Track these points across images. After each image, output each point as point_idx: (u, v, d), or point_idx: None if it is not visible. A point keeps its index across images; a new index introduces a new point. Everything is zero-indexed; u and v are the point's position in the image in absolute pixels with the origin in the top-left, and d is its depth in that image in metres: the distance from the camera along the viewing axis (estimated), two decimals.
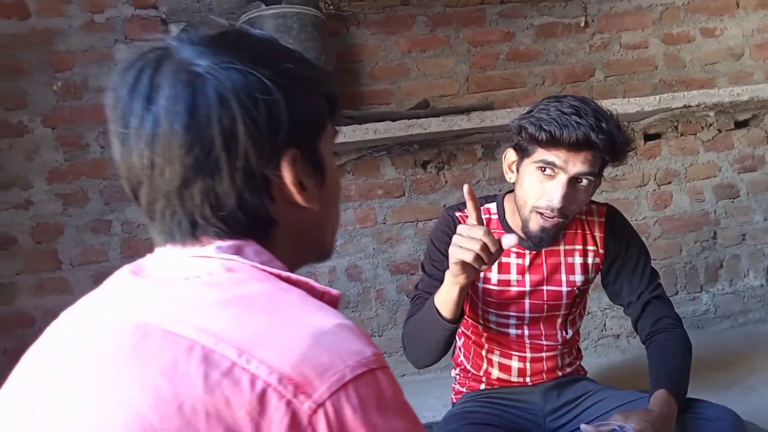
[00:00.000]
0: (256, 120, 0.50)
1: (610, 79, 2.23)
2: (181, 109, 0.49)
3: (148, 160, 0.51)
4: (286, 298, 0.48)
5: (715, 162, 2.24)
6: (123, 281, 0.53)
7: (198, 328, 0.44)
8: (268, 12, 1.81)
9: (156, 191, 0.52)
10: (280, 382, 0.41)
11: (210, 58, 0.51)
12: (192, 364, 0.42)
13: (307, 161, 0.56)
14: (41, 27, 1.91)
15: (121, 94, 0.52)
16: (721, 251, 2.24)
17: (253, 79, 0.51)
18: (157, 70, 0.51)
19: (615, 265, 1.26)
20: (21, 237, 1.90)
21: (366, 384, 0.43)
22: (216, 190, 0.51)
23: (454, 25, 2.14)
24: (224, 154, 0.50)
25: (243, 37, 0.56)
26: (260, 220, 0.54)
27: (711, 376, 1.73)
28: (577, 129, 1.04)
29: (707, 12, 2.26)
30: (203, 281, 0.49)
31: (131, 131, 0.51)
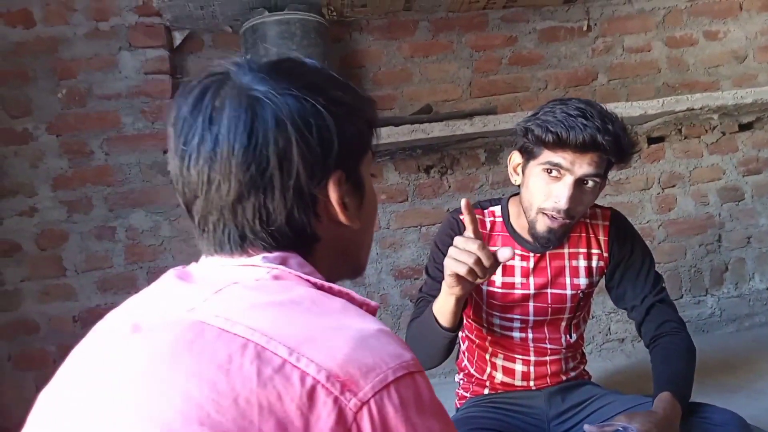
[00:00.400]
0: (309, 143, 0.55)
1: (614, 83, 2.22)
2: (241, 130, 0.53)
3: (206, 176, 0.55)
4: (331, 304, 0.51)
5: (720, 165, 2.23)
6: (171, 284, 0.56)
7: (250, 327, 0.47)
8: (271, 18, 1.82)
9: (211, 205, 0.56)
10: (328, 379, 0.44)
11: (268, 83, 0.56)
12: (246, 361, 0.45)
13: (350, 182, 0.60)
14: (46, 35, 1.92)
15: (183, 113, 0.56)
16: (726, 254, 2.23)
17: (308, 105, 0.55)
18: (218, 93, 0.56)
19: (619, 269, 1.26)
20: (26, 244, 1.91)
21: (406, 386, 0.46)
22: (267, 206, 0.55)
23: (457, 30, 2.15)
24: (278, 173, 0.54)
25: (297, 65, 0.61)
26: (305, 236, 0.58)
27: (717, 380, 1.72)
28: (584, 131, 1.05)
29: (710, 15, 2.26)
30: (251, 285, 0.52)
31: (191, 149, 0.55)
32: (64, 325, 1.90)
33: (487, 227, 1.25)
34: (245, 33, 1.87)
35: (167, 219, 1.96)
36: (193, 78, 0.59)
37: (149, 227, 1.96)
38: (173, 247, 1.96)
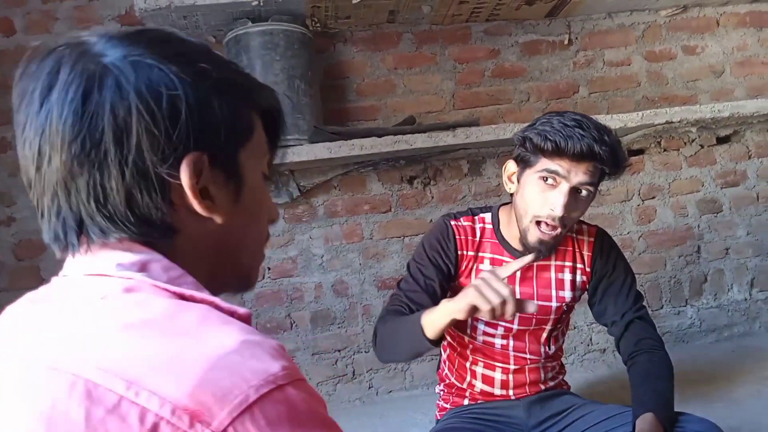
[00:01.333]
0: (154, 114, 0.47)
1: (594, 96, 2.26)
2: (74, 95, 0.47)
3: (37, 147, 0.48)
4: (188, 316, 0.44)
5: (698, 177, 2.26)
6: (20, 312, 0.50)
7: (84, 360, 0.41)
8: (254, 29, 1.82)
9: (44, 183, 0.49)
10: (174, 413, 0.38)
11: (120, 50, 0.49)
12: (73, 403, 0.39)
13: (220, 169, 0.52)
14: (28, 44, 1.90)
15: (26, 85, 0.49)
16: (705, 265, 2.26)
17: (159, 73, 0.48)
18: (62, 60, 0.48)
19: (601, 285, 1.28)
20: (3, 254, 1.88)
21: (274, 401, 0.41)
22: (103, 184, 0.47)
23: (440, 43, 2.16)
24: (114, 147, 0.47)
25: (164, 35, 0.52)
26: (155, 225, 0.49)
27: (696, 390, 1.74)
28: (581, 140, 1.08)
29: (689, 30, 2.31)
30: (98, 306, 0.45)
31: (28, 120, 0.48)
32: None
33: (477, 234, 1.27)
34: (228, 43, 1.87)
35: None
36: (44, 46, 0.51)
37: None
38: None
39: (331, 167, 2.03)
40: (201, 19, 1.85)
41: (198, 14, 1.82)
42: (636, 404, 1.13)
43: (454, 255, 1.25)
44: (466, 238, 1.26)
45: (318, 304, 2.06)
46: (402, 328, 1.13)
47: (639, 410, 1.10)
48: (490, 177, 2.14)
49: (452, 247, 1.25)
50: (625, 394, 1.33)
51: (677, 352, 2.11)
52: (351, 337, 2.06)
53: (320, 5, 1.88)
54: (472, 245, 1.26)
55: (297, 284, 2.05)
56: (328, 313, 2.06)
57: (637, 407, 1.12)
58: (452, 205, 2.12)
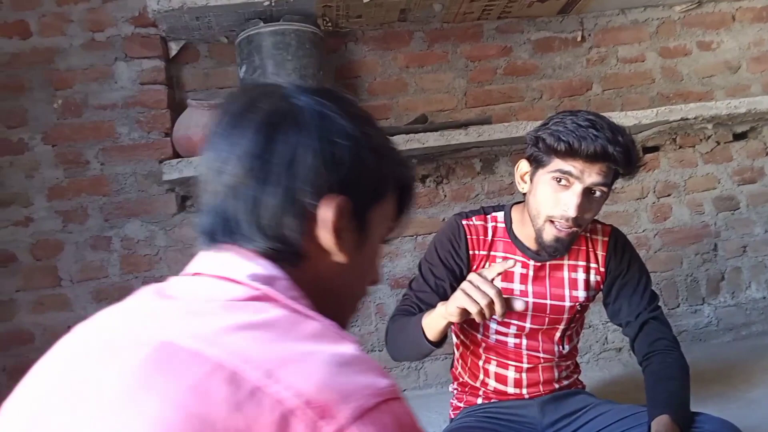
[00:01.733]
0: (325, 157, 0.55)
1: (608, 93, 2.24)
2: (265, 119, 0.56)
3: (224, 155, 0.56)
4: (309, 327, 0.50)
5: (714, 174, 2.24)
6: (146, 300, 0.55)
7: (223, 349, 0.45)
8: (266, 29, 1.83)
9: (218, 185, 0.56)
10: (304, 405, 0.42)
11: (309, 98, 0.58)
12: (218, 384, 0.43)
13: (355, 218, 0.58)
14: (42, 46, 1.93)
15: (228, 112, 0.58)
16: (723, 263, 2.23)
17: (338, 125, 0.57)
18: (261, 100, 0.58)
19: (615, 285, 1.27)
20: (21, 254, 1.90)
21: (386, 412, 0.45)
22: (264, 200, 0.54)
23: (452, 41, 2.16)
24: (285, 173, 0.54)
25: (345, 97, 0.62)
26: (290, 246, 0.56)
27: (713, 390, 1.72)
28: (595, 141, 1.07)
29: (703, 26, 2.28)
30: (226, 305, 0.51)
31: (220, 136, 0.57)
32: (58, 336, 1.85)
33: (489, 233, 1.26)
34: (240, 43, 1.87)
35: (163, 229, 1.96)
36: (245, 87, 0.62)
37: (144, 237, 1.95)
38: (168, 257, 1.96)
39: None
40: (213, 19, 1.86)
41: (210, 15, 1.83)
42: (651, 406, 1.12)
43: (465, 255, 1.24)
44: (478, 237, 1.25)
45: None
46: (407, 329, 1.14)
47: (654, 412, 1.09)
48: (503, 175, 2.13)
49: (463, 246, 1.24)
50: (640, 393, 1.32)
51: (694, 351, 2.08)
52: (364, 336, 2.06)
53: (331, 5, 1.88)
54: (484, 245, 1.25)
55: None
56: None
57: (652, 409, 1.10)
58: (465, 203, 2.11)
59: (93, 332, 0.53)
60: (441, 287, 1.23)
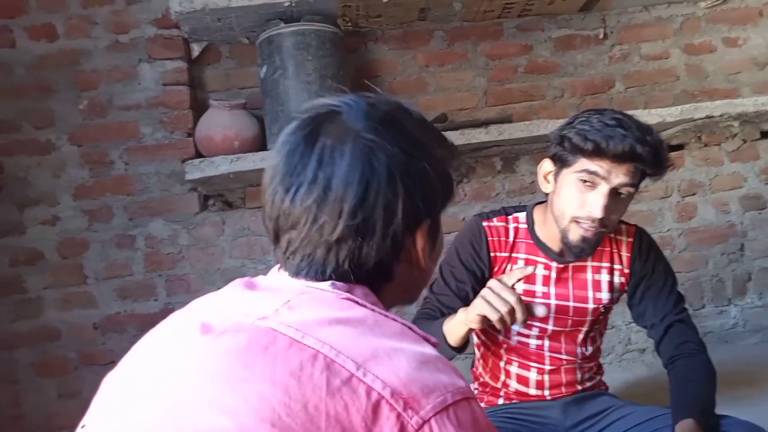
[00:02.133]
0: (413, 199, 0.58)
1: (631, 91, 2.20)
2: (357, 180, 0.56)
3: (313, 215, 0.57)
4: (392, 326, 0.54)
5: (741, 173, 2.19)
6: (238, 292, 0.59)
7: (319, 340, 0.49)
8: (287, 30, 1.84)
9: (307, 240, 0.58)
10: (393, 395, 0.47)
11: (380, 134, 0.58)
12: (317, 370, 0.48)
13: (432, 228, 0.63)
14: (68, 48, 1.96)
15: (295, 143, 0.59)
16: (749, 263, 2.19)
17: (416, 163, 0.59)
18: (331, 133, 0.58)
19: (640, 287, 1.25)
20: (48, 252, 1.94)
21: (464, 409, 0.49)
22: (362, 249, 0.57)
23: (472, 39, 2.15)
24: (381, 223, 0.57)
25: (404, 116, 0.63)
26: (382, 276, 0.60)
27: (739, 392, 1.68)
28: (623, 140, 1.05)
29: (729, 21, 2.23)
30: (318, 299, 0.55)
31: (301, 183, 0.57)
32: (84, 333, 1.93)
33: (510, 235, 1.24)
34: (261, 44, 1.89)
35: (185, 228, 1.99)
36: (302, 111, 0.63)
37: (168, 236, 1.98)
38: (191, 256, 1.98)
39: None
40: (234, 20, 1.88)
41: (232, 16, 1.84)
42: (675, 409, 1.09)
43: (486, 257, 1.23)
44: (499, 239, 1.24)
45: None
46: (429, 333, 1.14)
47: (678, 416, 1.07)
48: (524, 174, 2.12)
49: (484, 248, 1.23)
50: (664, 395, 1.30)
51: (720, 353, 2.04)
52: None
53: (351, 4, 1.89)
54: (506, 246, 1.24)
55: None
56: None
57: (676, 412, 1.08)
58: (485, 202, 2.10)
59: (191, 318, 0.57)
60: (463, 290, 1.22)
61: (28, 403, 1.88)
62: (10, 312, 1.91)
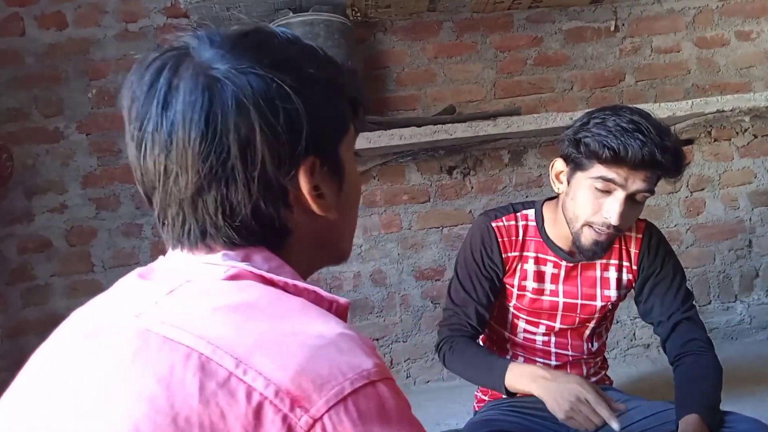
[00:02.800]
0: (274, 128, 0.49)
1: (641, 84, 2.19)
2: (198, 116, 0.48)
3: (163, 166, 0.50)
4: (289, 304, 0.47)
5: (751, 168, 2.17)
6: (131, 284, 0.53)
7: (197, 335, 0.43)
8: (295, 19, 1.83)
9: (169, 197, 0.51)
10: (277, 395, 0.40)
11: (229, 60, 0.50)
12: (189, 373, 0.41)
13: (327, 167, 0.54)
14: (78, 36, 1.97)
15: (138, 94, 0.51)
16: (757, 260, 2.17)
17: (274, 86, 0.49)
18: (175, 71, 0.50)
19: (648, 283, 1.23)
20: (56, 240, 1.96)
21: (366, 397, 0.42)
22: (230, 199, 0.50)
23: (481, 31, 2.13)
24: (240, 163, 0.49)
25: (265, 38, 0.54)
26: (274, 230, 0.52)
27: (746, 389, 1.68)
28: (642, 148, 1.00)
29: (743, 15, 2.21)
30: (204, 287, 0.48)
31: (147, 135, 0.50)
32: None
33: (520, 233, 1.22)
34: None
35: None
36: (149, 53, 0.53)
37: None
38: None
39: (370, 157, 2.04)
40: (243, 10, 1.87)
41: (240, 5, 1.84)
42: (680, 405, 1.08)
43: (499, 259, 1.21)
44: (510, 238, 1.22)
45: (356, 293, 2.07)
46: (480, 367, 1.15)
47: (683, 411, 1.06)
48: (532, 167, 2.11)
49: (496, 251, 1.21)
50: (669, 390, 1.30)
51: (726, 349, 2.04)
52: (389, 326, 2.07)
53: None
54: (516, 245, 1.22)
55: (336, 273, 2.07)
56: (367, 302, 2.07)
57: (681, 408, 1.07)
58: (492, 195, 2.09)
59: (79, 320, 0.52)
60: (483, 296, 1.21)
61: None
62: (18, 299, 1.93)
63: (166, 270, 0.53)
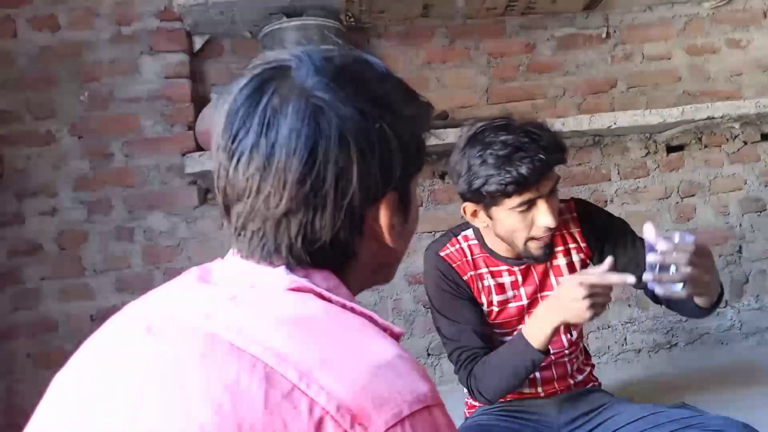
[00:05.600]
0: (369, 164, 0.51)
1: (632, 91, 2.20)
2: (302, 144, 0.49)
3: (257, 184, 0.51)
4: (349, 323, 0.48)
5: (741, 175, 2.19)
6: (189, 285, 0.54)
7: (262, 345, 0.44)
8: (290, 24, 1.84)
9: (254, 213, 0.52)
10: (338, 411, 0.41)
11: (334, 91, 0.51)
12: (254, 383, 0.42)
13: (400, 201, 0.56)
14: (71, 39, 1.96)
15: (237, 106, 0.52)
16: (747, 266, 2.19)
17: (373, 124, 0.51)
18: (277, 91, 0.51)
19: (606, 251, 1.25)
20: (47, 243, 1.94)
21: (422, 420, 0.43)
22: (315, 223, 0.51)
23: (474, 37, 2.14)
24: (333, 193, 0.50)
25: (365, 71, 0.56)
26: (343, 255, 0.54)
27: (736, 393, 1.69)
28: (533, 163, 1.04)
29: (733, 22, 2.23)
30: (267, 296, 0.50)
31: (242, 150, 0.51)
32: (81, 324, 1.93)
33: (467, 254, 1.26)
34: (264, 38, 1.89)
35: (185, 221, 1.99)
36: (249, 68, 0.54)
37: (167, 229, 1.98)
38: (190, 249, 1.98)
39: None
40: (237, 14, 1.88)
41: (235, 9, 1.84)
42: None
43: (462, 281, 1.24)
44: (461, 261, 1.25)
45: None
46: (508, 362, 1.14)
47: None
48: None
49: (456, 276, 1.24)
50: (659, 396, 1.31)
51: (716, 354, 2.05)
52: None
53: (354, 0, 1.88)
54: (469, 266, 1.25)
55: None
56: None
57: None
58: None
59: (138, 315, 0.53)
60: (472, 317, 1.22)
61: (24, 394, 1.89)
62: (8, 303, 1.91)
63: (228, 274, 0.54)
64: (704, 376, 1.86)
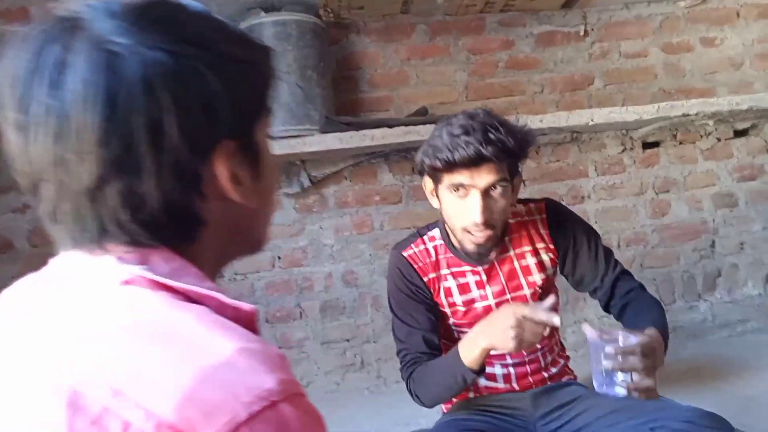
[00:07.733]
0: (189, 111, 0.44)
1: (610, 88, 2.23)
2: (98, 97, 0.42)
3: (55, 155, 0.43)
4: (181, 319, 0.41)
5: (714, 171, 2.23)
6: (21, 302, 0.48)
7: (68, 363, 0.38)
8: (267, 19, 1.82)
9: (63, 192, 0.44)
10: (158, 428, 0.35)
11: (134, 35, 0.44)
12: (57, 411, 0.37)
13: (243, 151, 0.49)
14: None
15: (18, 71, 0.44)
16: (720, 260, 2.24)
17: (187, 65, 0.44)
18: (66, 46, 0.43)
19: (569, 256, 1.26)
20: (18, 241, 1.91)
21: (265, 421, 0.37)
22: (137, 190, 0.43)
23: (454, 34, 2.15)
24: (149, 150, 0.43)
25: (172, 11, 0.48)
26: (185, 222, 0.47)
27: (709, 386, 1.73)
28: (467, 148, 1.05)
29: (708, 21, 2.27)
30: (88, 303, 0.43)
31: (33, 119, 0.43)
32: None
33: (432, 254, 1.26)
34: None
35: None
36: (33, 25, 0.45)
37: None
38: None
39: (342, 158, 2.03)
40: (215, 8, 1.84)
41: (212, 4, 1.80)
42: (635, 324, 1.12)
43: (422, 284, 1.24)
44: (424, 263, 1.25)
45: (328, 294, 2.06)
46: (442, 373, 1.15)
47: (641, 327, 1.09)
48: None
49: (416, 278, 1.24)
50: None
51: (689, 347, 2.09)
52: (360, 327, 2.07)
53: None
54: (432, 267, 1.25)
55: (307, 274, 2.06)
56: (338, 303, 2.07)
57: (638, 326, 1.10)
58: None
59: None
60: (425, 322, 1.23)
61: None
62: None
63: (56, 277, 0.47)
64: (677, 367, 1.90)
